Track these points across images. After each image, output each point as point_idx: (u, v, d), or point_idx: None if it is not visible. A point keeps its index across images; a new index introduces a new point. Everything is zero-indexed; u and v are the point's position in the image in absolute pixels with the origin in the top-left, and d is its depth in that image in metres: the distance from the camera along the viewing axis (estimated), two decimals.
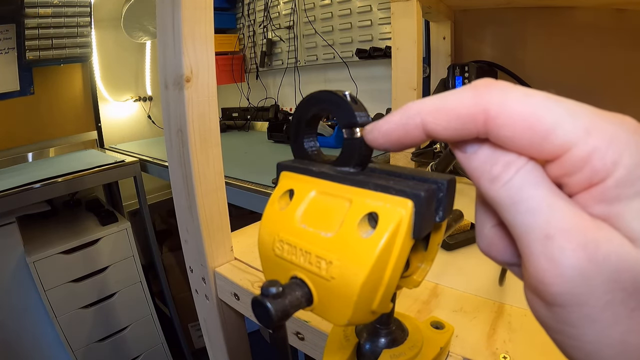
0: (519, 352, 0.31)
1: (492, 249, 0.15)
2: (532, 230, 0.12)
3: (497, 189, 0.13)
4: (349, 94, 0.17)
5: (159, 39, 0.41)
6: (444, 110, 0.13)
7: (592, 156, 0.11)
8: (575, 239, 0.11)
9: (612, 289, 0.11)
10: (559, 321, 0.12)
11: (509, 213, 0.13)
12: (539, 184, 0.12)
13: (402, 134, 0.14)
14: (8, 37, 1.35)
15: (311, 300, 0.16)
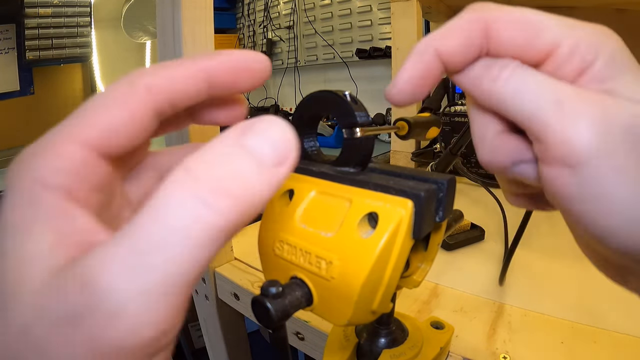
0: (519, 352, 0.31)
1: (497, 154, 0.16)
2: (544, 104, 0.13)
3: (501, 86, 0.14)
4: (349, 94, 0.17)
5: (159, 39, 0.41)
6: (450, 31, 0.15)
7: (579, 44, 0.13)
8: (584, 98, 0.13)
9: (629, 138, 0.12)
10: (586, 184, 0.13)
11: (515, 104, 0.14)
12: (537, 73, 0.14)
13: (423, 72, 0.15)
14: (8, 37, 1.35)
15: (311, 301, 0.16)
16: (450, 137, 0.76)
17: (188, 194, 0.10)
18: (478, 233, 0.50)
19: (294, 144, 0.11)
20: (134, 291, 0.09)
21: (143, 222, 0.10)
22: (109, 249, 0.10)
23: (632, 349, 0.30)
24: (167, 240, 0.09)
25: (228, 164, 0.10)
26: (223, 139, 0.11)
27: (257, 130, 0.11)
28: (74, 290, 0.09)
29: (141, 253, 0.09)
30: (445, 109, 0.78)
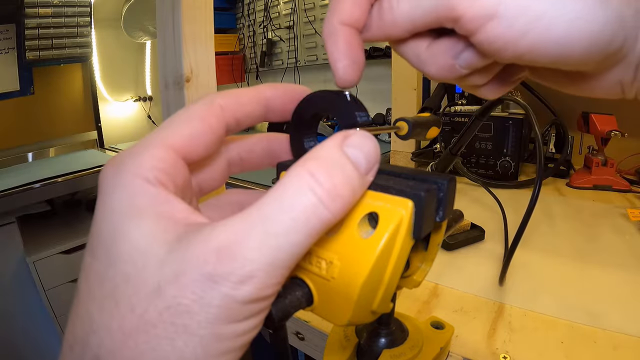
0: (519, 352, 0.31)
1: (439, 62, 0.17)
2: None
3: (397, 9, 0.16)
4: (349, 94, 0.17)
5: (159, 39, 0.41)
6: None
7: None
8: None
9: None
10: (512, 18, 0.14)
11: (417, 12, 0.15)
12: None
13: (346, 47, 0.17)
14: (8, 37, 1.35)
15: (311, 301, 0.16)
16: (450, 137, 0.76)
17: (311, 193, 0.12)
18: (478, 233, 0.50)
19: (379, 156, 0.15)
20: (264, 263, 0.12)
21: (272, 207, 0.12)
22: (240, 224, 0.12)
23: (632, 349, 0.30)
24: (293, 227, 0.12)
25: (342, 171, 0.13)
26: (329, 152, 0.14)
27: (355, 143, 0.14)
28: (208, 260, 0.11)
29: (270, 234, 0.12)
30: (445, 109, 0.78)
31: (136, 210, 0.13)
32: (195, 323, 0.11)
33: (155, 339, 0.11)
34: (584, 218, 0.58)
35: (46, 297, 1.20)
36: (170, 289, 0.11)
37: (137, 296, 0.12)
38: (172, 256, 0.12)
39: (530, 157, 0.84)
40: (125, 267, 0.12)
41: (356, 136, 0.14)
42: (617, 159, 0.73)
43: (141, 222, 0.12)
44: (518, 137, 0.71)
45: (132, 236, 0.12)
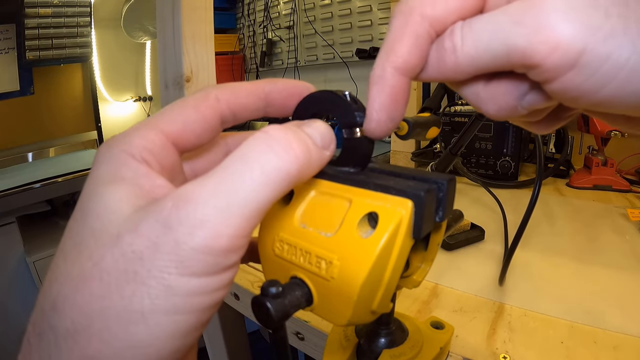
0: (519, 352, 0.31)
1: (499, 102, 0.16)
2: (507, 34, 0.13)
3: (461, 52, 0.14)
4: (349, 94, 0.17)
5: (159, 39, 0.41)
6: (396, 41, 0.15)
7: None
8: (533, 3, 0.13)
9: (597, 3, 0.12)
10: (593, 68, 0.12)
11: (485, 56, 0.14)
12: (480, 18, 0.14)
13: (391, 96, 0.15)
14: (8, 37, 1.35)
15: (311, 300, 0.16)
16: (450, 137, 0.76)
17: (265, 146, 0.13)
18: (478, 233, 0.50)
19: (333, 137, 0.16)
20: (218, 208, 0.12)
21: (229, 160, 0.13)
22: (199, 180, 0.12)
23: (632, 349, 0.30)
24: (247, 173, 0.12)
25: (295, 133, 0.14)
26: (286, 124, 0.15)
27: (309, 124, 0.15)
28: (165, 207, 0.12)
29: (226, 181, 0.12)
30: (445, 109, 0.78)
31: (116, 179, 0.13)
32: (146, 271, 0.11)
33: (106, 287, 0.11)
34: (584, 218, 0.58)
35: None
36: (127, 237, 0.12)
37: (96, 245, 0.12)
38: (136, 213, 0.12)
39: (530, 157, 0.84)
40: (93, 222, 0.13)
41: (311, 121, 0.16)
42: (617, 159, 0.73)
43: (117, 187, 0.13)
44: (518, 137, 0.71)
45: (105, 197, 0.13)
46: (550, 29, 0.12)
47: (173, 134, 0.15)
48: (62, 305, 0.12)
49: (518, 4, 0.13)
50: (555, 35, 0.12)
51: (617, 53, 0.12)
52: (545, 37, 0.12)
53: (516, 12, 0.13)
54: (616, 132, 0.68)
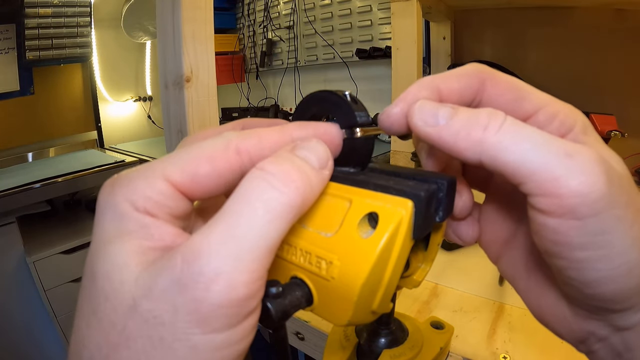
0: (519, 352, 0.31)
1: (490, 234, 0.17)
2: (551, 156, 0.13)
3: (493, 135, 0.13)
4: (349, 94, 0.17)
5: (159, 39, 0.41)
6: (453, 74, 0.16)
7: (560, 111, 0.15)
8: (592, 153, 0.13)
9: (623, 191, 0.13)
10: (589, 233, 0.13)
11: (513, 155, 0.13)
12: (530, 126, 0.14)
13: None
14: (8, 37, 1.35)
15: (311, 301, 0.16)
16: None
17: (265, 183, 0.13)
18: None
19: (329, 155, 0.16)
20: (230, 257, 0.11)
21: (231, 205, 0.13)
22: (205, 229, 0.12)
23: None
24: (252, 215, 0.12)
25: (291, 163, 0.14)
26: (280, 153, 0.14)
27: (303, 147, 0.15)
28: (176, 264, 0.11)
29: (233, 227, 0.12)
30: None
31: (121, 233, 0.13)
32: (170, 335, 0.11)
33: (135, 355, 0.11)
34: None
35: (46, 297, 1.20)
36: (144, 302, 0.11)
37: (115, 313, 0.12)
38: (146, 272, 0.12)
39: None
40: (103, 284, 0.12)
41: (304, 142, 0.15)
42: None
43: (123, 244, 0.13)
44: None
45: (112, 256, 0.12)
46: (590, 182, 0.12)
47: (181, 185, 0.14)
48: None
49: (574, 145, 0.13)
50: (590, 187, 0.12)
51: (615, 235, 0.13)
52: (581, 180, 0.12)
53: (574, 150, 0.13)
54: (616, 132, 0.68)
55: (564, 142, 0.13)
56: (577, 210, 0.13)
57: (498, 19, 1.00)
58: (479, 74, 0.16)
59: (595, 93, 0.88)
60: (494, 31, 1.02)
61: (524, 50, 0.98)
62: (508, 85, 0.16)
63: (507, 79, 0.16)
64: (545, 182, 0.13)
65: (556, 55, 0.94)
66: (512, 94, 0.16)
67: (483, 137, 0.13)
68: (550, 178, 0.13)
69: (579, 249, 0.13)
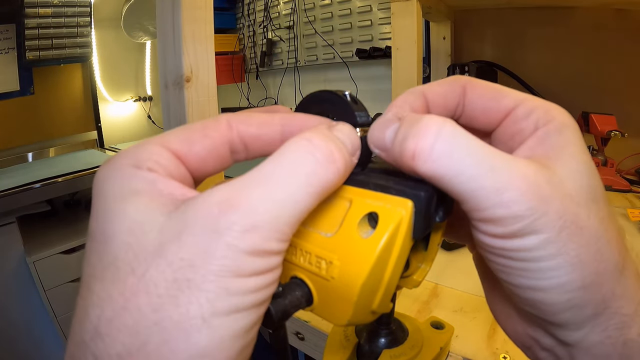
0: (519, 352, 0.31)
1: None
2: (482, 192, 0.13)
3: (422, 164, 0.13)
4: (349, 94, 0.17)
5: (159, 39, 0.41)
6: (438, 82, 0.17)
7: (537, 108, 0.15)
8: (523, 184, 0.13)
9: (563, 213, 0.13)
10: (512, 247, 0.13)
11: (448, 184, 0.13)
12: (468, 147, 0.13)
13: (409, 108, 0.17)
14: (8, 37, 1.35)
15: (311, 301, 0.16)
16: None
17: (311, 157, 0.13)
18: None
19: (359, 143, 0.16)
20: (268, 215, 0.12)
21: (273, 168, 0.13)
22: (241, 183, 0.12)
23: None
24: (295, 184, 0.13)
25: (335, 143, 0.14)
26: (321, 129, 0.15)
27: (339, 128, 0.15)
28: (211, 212, 0.12)
29: (273, 190, 0.12)
30: None
31: (131, 192, 0.13)
32: (200, 277, 0.11)
33: (157, 299, 0.11)
34: None
35: (46, 297, 1.20)
36: (172, 247, 0.11)
37: (137, 259, 0.11)
38: (171, 220, 0.12)
39: None
40: (124, 237, 0.12)
41: (340, 125, 0.16)
42: (617, 159, 0.73)
43: (137, 200, 0.12)
44: None
45: (129, 212, 0.12)
46: (519, 205, 0.12)
47: (178, 151, 0.14)
48: (107, 330, 0.11)
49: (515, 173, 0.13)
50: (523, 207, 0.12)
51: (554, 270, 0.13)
52: (512, 206, 0.12)
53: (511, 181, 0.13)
54: (616, 132, 0.68)
55: (500, 173, 0.13)
56: (499, 223, 0.13)
57: (498, 19, 1.00)
58: (458, 80, 0.17)
59: (595, 93, 0.88)
60: (494, 31, 1.02)
61: (524, 50, 0.98)
62: (486, 85, 0.17)
63: (485, 82, 0.17)
64: (479, 210, 0.13)
65: (556, 55, 0.94)
66: (491, 92, 0.16)
67: (413, 163, 0.13)
68: (485, 208, 0.13)
69: (502, 256, 0.14)
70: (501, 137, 0.17)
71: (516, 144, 0.16)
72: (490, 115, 0.16)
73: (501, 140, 0.17)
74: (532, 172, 0.13)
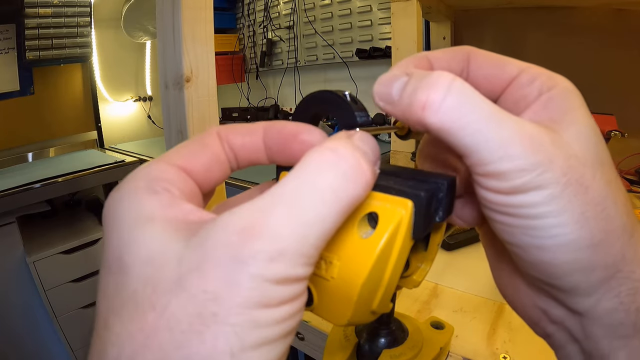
0: (519, 352, 0.31)
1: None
2: (488, 145, 0.13)
3: (433, 115, 0.13)
4: (349, 94, 0.17)
5: (159, 39, 0.41)
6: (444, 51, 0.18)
7: (541, 74, 0.15)
8: (528, 140, 0.13)
9: (567, 171, 0.13)
10: (515, 203, 0.13)
11: (455, 137, 0.13)
12: (476, 103, 0.13)
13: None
14: (8, 37, 1.35)
15: (311, 301, 0.16)
16: None
17: (337, 170, 0.12)
18: (478, 233, 0.50)
19: (379, 151, 0.15)
20: (294, 239, 0.11)
21: (296, 182, 0.12)
22: (262, 205, 0.11)
23: None
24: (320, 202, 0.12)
25: (362, 154, 0.13)
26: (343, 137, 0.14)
27: (359, 137, 0.14)
28: (231, 241, 0.11)
29: (299, 210, 0.11)
30: None
31: (144, 218, 0.12)
32: (225, 310, 0.10)
33: (180, 335, 0.10)
34: None
35: (46, 297, 1.20)
36: (193, 279, 0.11)
37: (156, 294, 0.11)
38: (190, 249, 0.11)
39: None
40: (142, 269, 0.11)
41: (359, 133, 0.15)
42: (617, 159, 0.73)
43: (152, 227, 0.12)
44: None
45: (144, 241, 0.12)
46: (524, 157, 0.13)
47: (185, 166, 0.14)
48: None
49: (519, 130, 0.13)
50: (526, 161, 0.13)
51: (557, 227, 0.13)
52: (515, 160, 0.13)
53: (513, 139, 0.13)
54: (616, 132, 0.68)
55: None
56: (503, 177, 0.13)
57: (498, 19, 1.00)
58: (462, 49, 0.17)
59: (595, 93, 0.88)
60: (494, 31, 1.02)
61: (524, 50, 0.98)
62: (489, 54, 0.17)
63: (488, 52, 0.17)
64: (483, 161, 0.13)
65: (556, 55, 0.94)
66: (494, 60, 0.17)
67: (423, 114, 0.13)
68: (489, 161, 0.13)
69: (506, 214, 0.14)
70: (505, 103, 0.16)
71: (520, 110, 0.15)
72: (494, 82, 0.16)
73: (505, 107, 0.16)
74: (537, 131, 0.13)
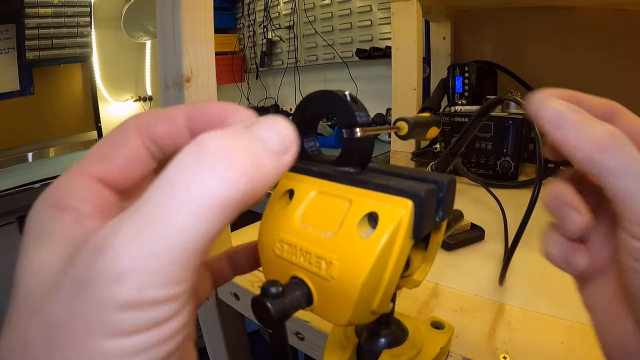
0: (519, 352, 0.31)
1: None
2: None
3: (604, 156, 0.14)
4: (349, 94, 0.17)
5: (159, 39, 0.41)
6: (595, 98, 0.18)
7: None
8: None
9: None
10: None
11: (618, 178, 0.14)
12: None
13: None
14: (8, 37, 1.35)
15: (311, 300, 0.16)
16: (450, 137, 0.76)
17: (197, 166, 0.10)
18: (478, 233, 0.50)
19: (295, 138, 0.13)
20: (139, 257, 0.10)
21: (151, 191, 0.10)
22: (116, 221, 0.10)
23: None
24: (174, 207, 0.10)
25: (239, 141, 0.11)
26: (231, 127, 0.12)
27: (264, 123, 0.12)
28: (81, 261, 0.10)
29: (148, 222, 0.10)
30: (445, 109, 0.78)
31: (44, 236, 0.12)
32: (69, 338, 0.10)
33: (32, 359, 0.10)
34: None
35: None
36: (48, 302, 0.10)
37: (20, 316, 0.11)
38: (62, 269, 0.11)
39: (530, 157, 0.84)
40: (20, 290, 0.12)
41: (265, 118, 0.13)
42: None
43: (45, 246, 0.12)
44: (518, 137, 0.71)
45: (30, 260, 0.12)
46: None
47: (97, 172, 0.14)
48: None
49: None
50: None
51: None
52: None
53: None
54: None
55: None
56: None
57: (498, 19, 1.00)
58: (610, 102, 0.18)
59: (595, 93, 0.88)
60: (494, 31, 1.02)
61: (524, 51, 0.98)
62: (636, 118, 0.17)
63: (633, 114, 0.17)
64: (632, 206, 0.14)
65: (556, 55, 0.94)
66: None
67: (596, 155, 0.14)
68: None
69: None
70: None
71: None
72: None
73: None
74: None
